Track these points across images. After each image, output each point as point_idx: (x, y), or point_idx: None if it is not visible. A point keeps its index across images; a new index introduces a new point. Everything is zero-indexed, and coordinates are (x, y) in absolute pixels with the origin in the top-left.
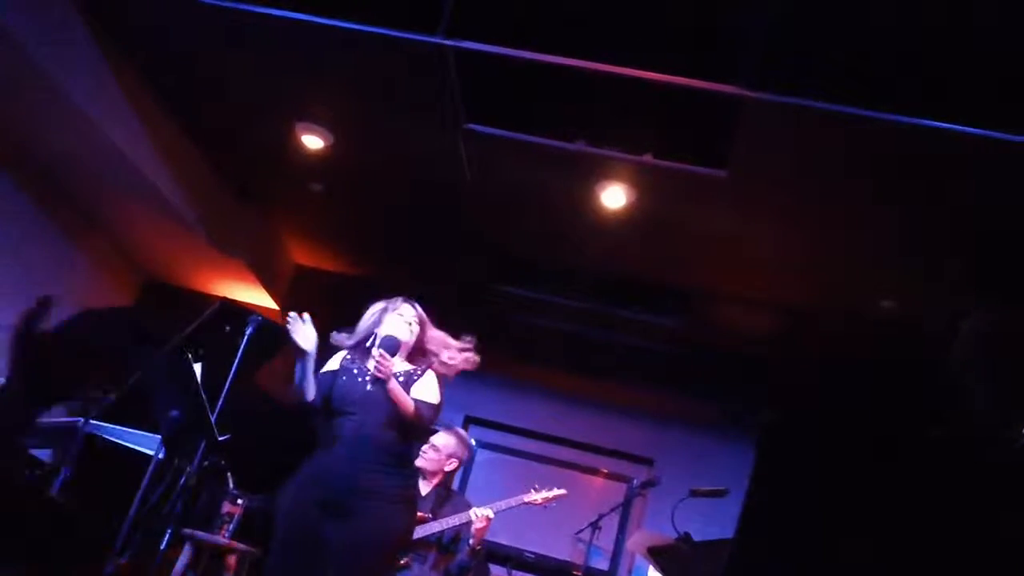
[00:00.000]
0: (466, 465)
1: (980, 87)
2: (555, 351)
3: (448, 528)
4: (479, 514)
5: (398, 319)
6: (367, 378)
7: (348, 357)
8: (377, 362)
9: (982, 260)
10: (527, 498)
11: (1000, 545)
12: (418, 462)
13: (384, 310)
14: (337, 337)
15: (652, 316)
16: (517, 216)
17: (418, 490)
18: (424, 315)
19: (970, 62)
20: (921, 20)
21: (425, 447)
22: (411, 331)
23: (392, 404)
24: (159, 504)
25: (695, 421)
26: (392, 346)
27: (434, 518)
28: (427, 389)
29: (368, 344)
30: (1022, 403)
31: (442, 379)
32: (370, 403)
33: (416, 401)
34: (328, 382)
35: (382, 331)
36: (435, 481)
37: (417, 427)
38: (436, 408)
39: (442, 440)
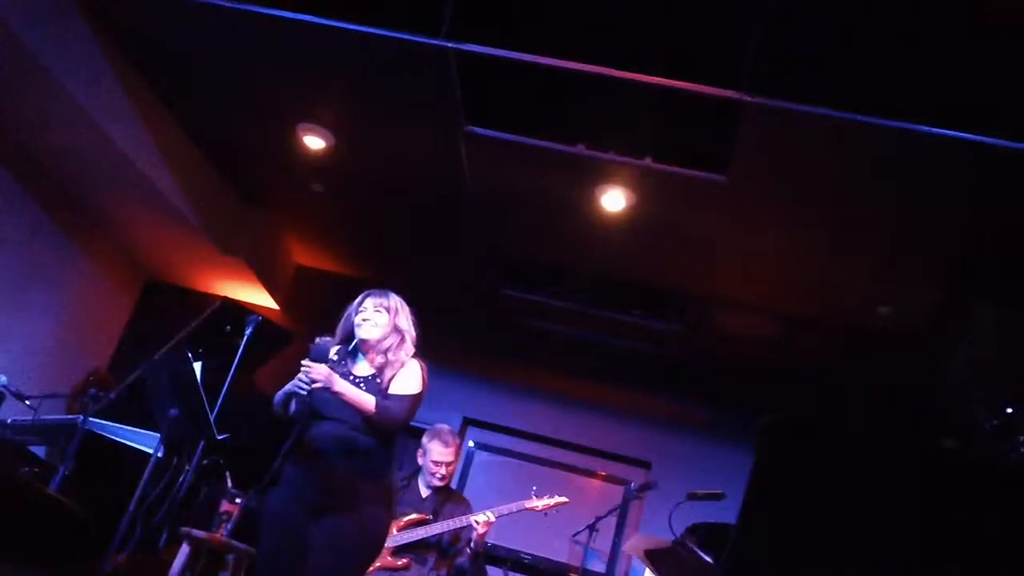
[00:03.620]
0: (465, 467)
1: (979, 91)
2: (554, 354)
3: (448, 530)
4: (480, 519)
5: (358, 318)
6: (351, 380)
7: (332, 360)
8: (304, 373)
9: (982, 264)
10: (528, 504)
11: (997, 548)
12: (434, 482)
13: (350, 312)
14: (319, 342)
15: (651, 320)
16: (517, 219)
17: (418, 492)
18: (393, 303)
19: (970, 66)
20: (921, 24)
21: (435, 469)
22: (373, 325)
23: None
24: (157, 502)
25: (693, 424)
26: (320, 352)
27: (435, 519)
28: (404, 381)
29: (350, 348)
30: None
31: (425, 369)
32: (350, 406)
33: (385, 399)
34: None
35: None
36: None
37: (386, 427)
38: (410, 401)
39: (441, 454)
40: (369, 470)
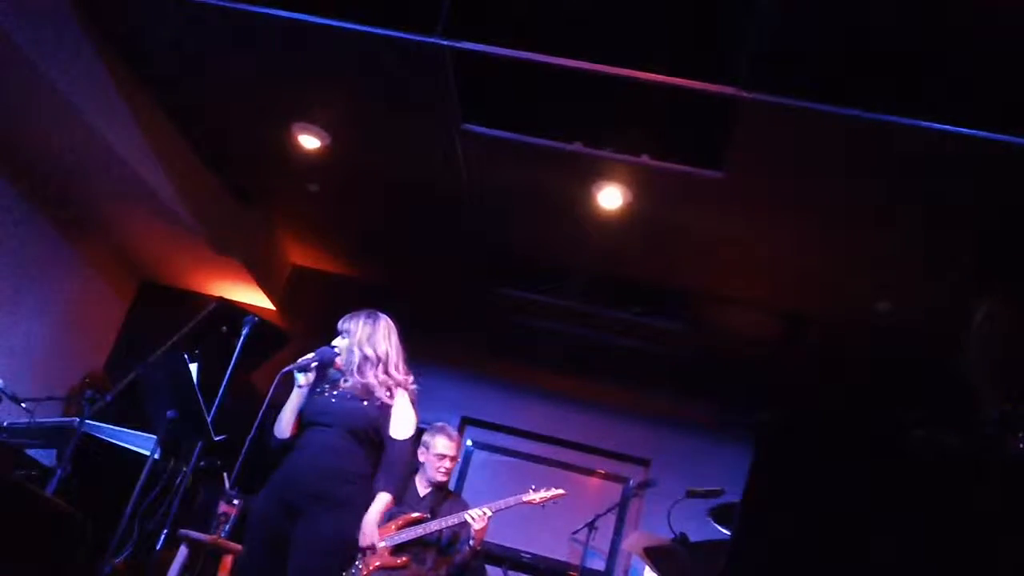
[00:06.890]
0: (463, 466)
1: (979, 87)
2: (552, 352)
3: (446, 528)
4: (476, 514)
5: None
6: (335, 393)
7: (315, 377)
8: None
9: (983, 261)
10: (525, 498)
11: (999, 547)
12: (438, 477)
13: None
14: (302, 362)
15: (649, 317)
16: (514, 217)
17: (416, 492)
18: (351, 324)
19: (969, 62)
20: (919, 20)
21: (439, 463)
22: (344, 345)
23: (357, 418)
24: (155, 504)
25: (691, 422)
26: (325, 358)
27: (433, 518)
28: (402, 423)
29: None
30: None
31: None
32: (337, 416)
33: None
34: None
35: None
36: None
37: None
38: (412, 438)
39: (446, 447)
40: (353, 476)
